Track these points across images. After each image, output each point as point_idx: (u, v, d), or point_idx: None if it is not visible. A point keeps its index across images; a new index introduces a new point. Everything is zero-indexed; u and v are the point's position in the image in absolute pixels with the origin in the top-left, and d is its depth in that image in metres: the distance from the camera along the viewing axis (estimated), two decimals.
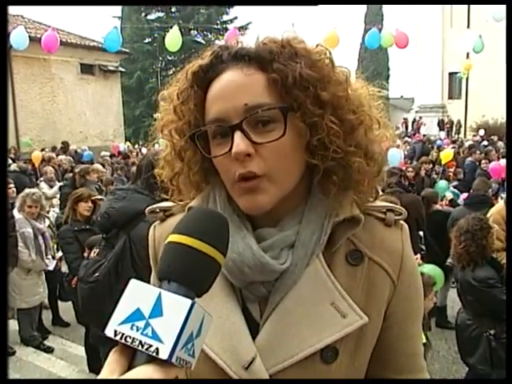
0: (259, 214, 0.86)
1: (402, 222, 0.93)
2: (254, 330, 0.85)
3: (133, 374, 0.56)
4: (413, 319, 0.93)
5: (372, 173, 0.87)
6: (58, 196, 8.31)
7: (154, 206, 1.01)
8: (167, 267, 0.62)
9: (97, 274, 2.76)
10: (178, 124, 0.88)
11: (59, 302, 5.74)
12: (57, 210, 7.46)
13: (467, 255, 3.40)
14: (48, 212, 6.62)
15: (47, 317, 5.76)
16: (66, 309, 5.58)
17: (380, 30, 11.04)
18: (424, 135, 22.23)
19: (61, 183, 8.88)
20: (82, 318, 3.93)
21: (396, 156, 8.17)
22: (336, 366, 0.84)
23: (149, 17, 33.88)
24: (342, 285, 0.85)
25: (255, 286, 0.85)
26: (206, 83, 0.84)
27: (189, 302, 0.57)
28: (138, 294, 0.59)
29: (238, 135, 0.78)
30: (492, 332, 3.27)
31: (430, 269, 4.33)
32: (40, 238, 5.02)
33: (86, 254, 3.91)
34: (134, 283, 0.60)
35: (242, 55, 0.83)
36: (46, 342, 5.18)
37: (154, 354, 0.55)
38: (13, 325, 5.04)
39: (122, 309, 0.59)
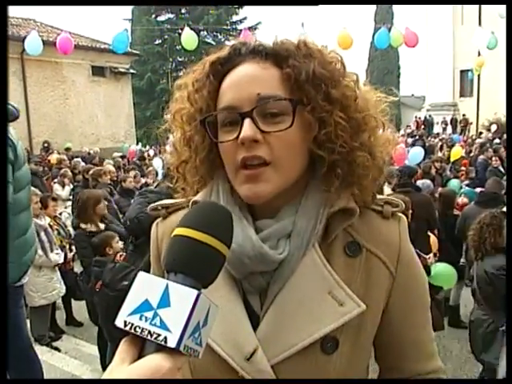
0: (259, 206, 0.89)
1: (399, 214, 0.95)
2: (254, 321, 0.87)
3: (142, 363, 0.58)
4: (416, 309, 0.94)
5: (374, 171, 0.89)
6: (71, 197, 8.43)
7: (157, 203, 1.03)
8: (173, 259, 0.64)
9: (125, 283, 2.69)
10: (189, 110, 0.90)
11: (72, 302, 5.80)
12: (69, 210, 7.55)
13: (472, 243, 3.52)
14: (61, 214, 6.69)
15: (61, 317, 5.82)
16: (79, 309, 5.64)
17: (390, 29, 10.98)
18: (437, 133, 22.10)
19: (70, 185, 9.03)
20: (100, 321, 3.92)
21: (418, 155, 8.12)
22: (337, 356, 0.85)
23: (159, 18, 33.99)
24: (341, 275, 0.86)
25: (255, 277, 0.87)
26: (221, 74, 0.88)
27: (195, 292, 0.59)
28: (146, 286, 0.61)
29: (247, 122, 0.81)
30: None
31: (443, 267, 4.31)
32: (42, 234, 5.06)
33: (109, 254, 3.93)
34: (142, 275, 0.63)
35: (259, 50, 0.87)
36: (59, 342, 5.24)
37: (163, 343, 0.57)
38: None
39: (131, 300, 0.61)
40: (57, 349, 5.04)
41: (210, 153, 0.91)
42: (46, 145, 16.30)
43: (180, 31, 10.75)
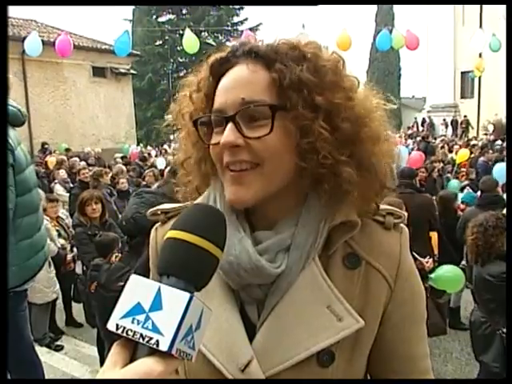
0: (257, 216, 0.88)
1: (402, 225, 0.93)
2: (251, 332, 0.85)
3: (134, 366, 0.57)
4: (410, 323, 0.91)
5: (366, 185, 0.86)
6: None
7: (156, 208, 1.02)
8: (165, 262, 0.63)
9: (121, 284, 2.69)
10: (190, 109, 0.92)
11: (72, 303, 5.80)
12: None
13: (475, 248, 3.39)
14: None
15: (61, 317, 5.82)
16: (79, 310, 5.63)
17: (391, 31, 10.97)
18: (441, 135, 22.13)
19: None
20: (97, 322, 3.90)
21: (402, 154, 8.16)
22: (333, 369, 0.84)
23: (160, 19, 34.08)
24: (339, 288, 0.85)
25: (252, 289, 0.86)
26: (219, 75, 0.88)
27: (187, 295, 0.58)
28: (138, 289, 0.60)
29: (229, 126, 0.81)
30: (505, 330, 3.24)
31: (451, 269, 4.26)
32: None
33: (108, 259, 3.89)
34: (134, 278, 0.62)
35: (252, 52, 0.85)
36: (59, 343, 5.24)
37: (155, 346, 0.57)
38: None
39: (123, 303, 0.60)
40: (56, 349, 5.04)
41: (206, 153, 0.91)
42: (46, 146, 16.32)
43: (181, 32, 10.81)
